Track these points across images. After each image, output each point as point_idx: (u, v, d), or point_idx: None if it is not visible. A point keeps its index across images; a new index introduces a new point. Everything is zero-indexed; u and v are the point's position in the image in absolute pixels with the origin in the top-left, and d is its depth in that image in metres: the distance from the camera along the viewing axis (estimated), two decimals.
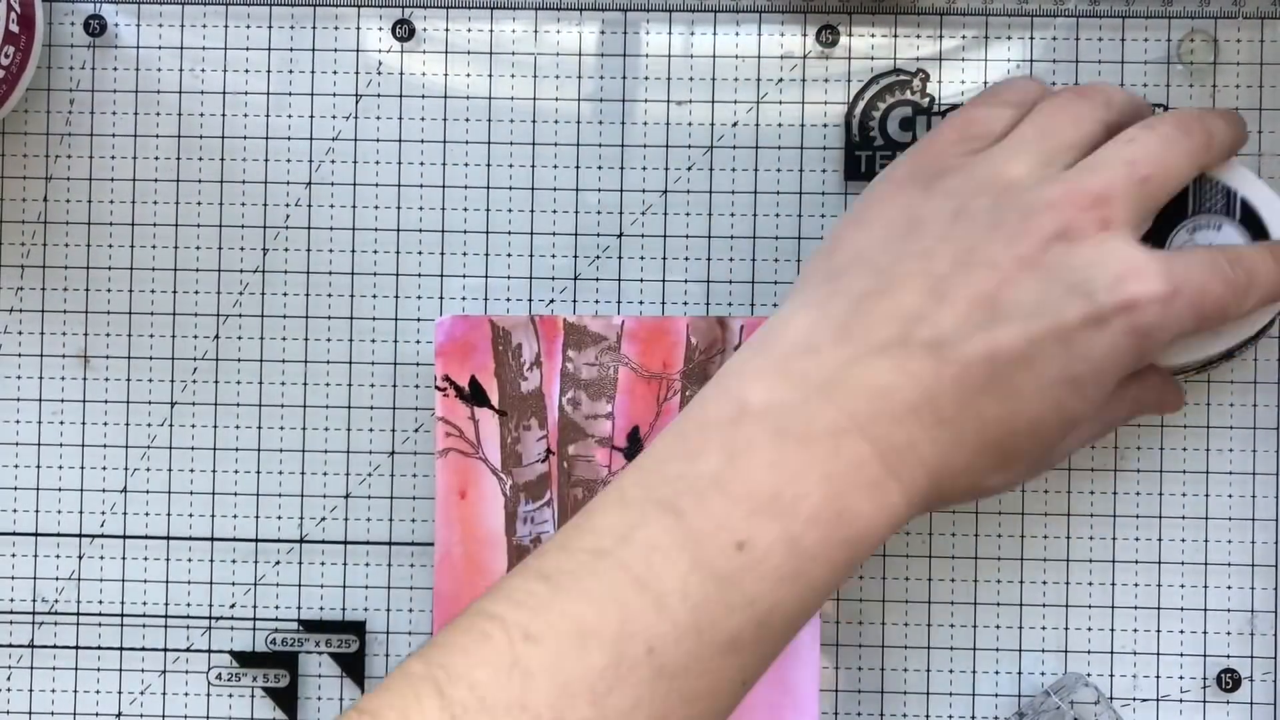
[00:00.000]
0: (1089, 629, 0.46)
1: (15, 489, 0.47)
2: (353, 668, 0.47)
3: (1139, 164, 0.36)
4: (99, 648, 0.47)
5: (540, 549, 0.35)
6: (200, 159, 0.47)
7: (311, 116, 0.47)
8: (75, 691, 0.47)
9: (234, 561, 0.47)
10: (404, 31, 0.47)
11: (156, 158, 0.47)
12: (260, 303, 0.47)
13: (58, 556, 0.47)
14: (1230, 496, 0.47)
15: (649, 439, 0.44)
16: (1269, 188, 0.42)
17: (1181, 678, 0.46)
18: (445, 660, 0.33)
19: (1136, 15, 0.47)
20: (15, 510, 0.47)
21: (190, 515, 0.47)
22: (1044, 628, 0.46)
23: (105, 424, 0.47)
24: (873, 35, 0.47)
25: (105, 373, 0.47)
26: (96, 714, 0.47)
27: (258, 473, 0.47)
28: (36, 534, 0.47)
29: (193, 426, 0.47)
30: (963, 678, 0.46)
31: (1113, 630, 0.46)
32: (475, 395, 0.45)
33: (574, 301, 0.47)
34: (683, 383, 0.44)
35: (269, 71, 0.47)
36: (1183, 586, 0.47)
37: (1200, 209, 0.41)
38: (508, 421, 0.45)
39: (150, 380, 0.47)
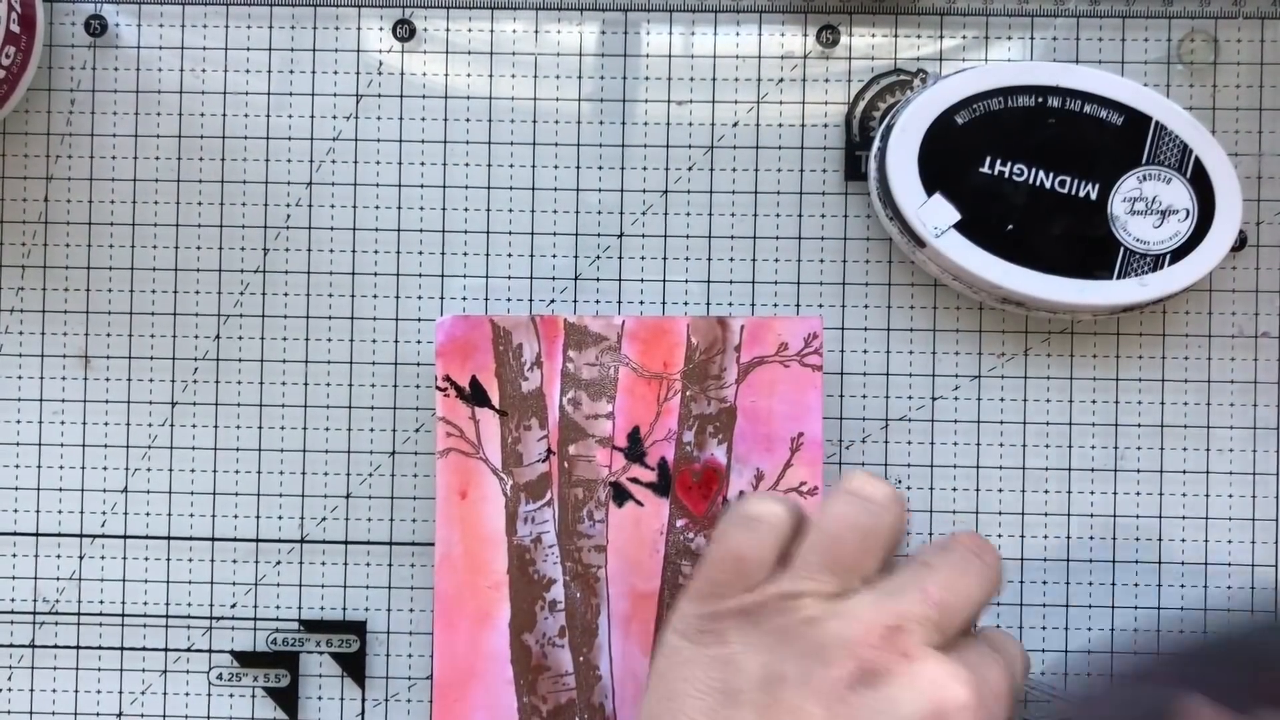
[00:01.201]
0: (1089, 629, 0.46)
1: (16, 489, 0.47)
2: (353, 668, 0.47)
3: (932, 592, 0.35)
4: (100, 648, 0.47)
5: None
6: (201, 159, 0.47)
7: (312, 116, 0.47)
8: (76, 691, 0.47)
9: (235, 561, 0.47)
10: (404, 31, 0.47)
11: (157, 158, 0.47)
12: (261, 303, 0.47)
13: (58, 556, 0.47)
14: (1230, 496, 0.47)
15: (649, 438, 0.45)
16: (1223, 152, 0.44)
17: None
18: None
19: (1137, 15, 0.47)
20: (16, 510, 0.47)
21: (191, 515, 0.47)
22: (1045, 627, 0.46)
23: (106, 424, 0.47)
24: (873, 35, 0.47)
25: (106, 373, 0.47)
26: (97, 714, 0.47)
27: (258, 473, 0.47)
28: (37, 534, 0.47)
29: (193, 426, 0.47)
30: None
31: (1113, 630, 0.47)
32: (476, 395, 0.45)
33: (574, 301, 0.47)
34: (683, 383, 0.44)
35: (269, 71, 0.47)
36: (1183, 586, 0.47)
37: (1154, 159, 0.42)
38: (508, 421, 0.45)
39: (151, 380, 0.47)
